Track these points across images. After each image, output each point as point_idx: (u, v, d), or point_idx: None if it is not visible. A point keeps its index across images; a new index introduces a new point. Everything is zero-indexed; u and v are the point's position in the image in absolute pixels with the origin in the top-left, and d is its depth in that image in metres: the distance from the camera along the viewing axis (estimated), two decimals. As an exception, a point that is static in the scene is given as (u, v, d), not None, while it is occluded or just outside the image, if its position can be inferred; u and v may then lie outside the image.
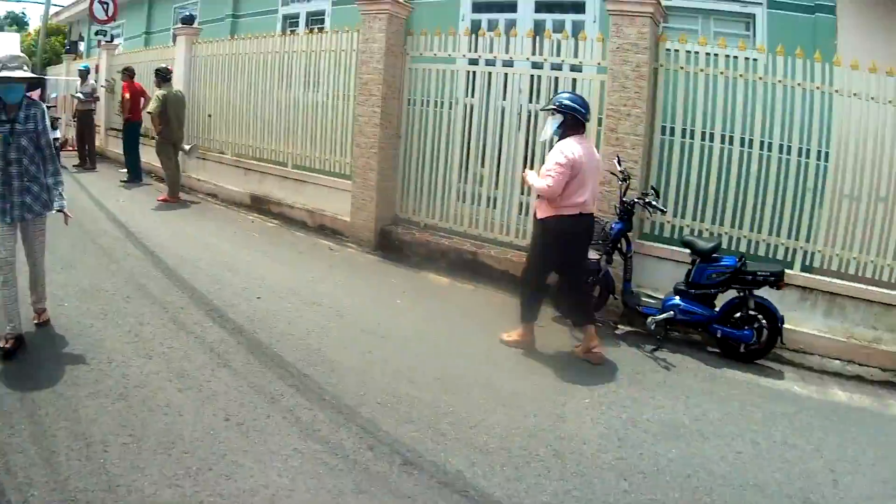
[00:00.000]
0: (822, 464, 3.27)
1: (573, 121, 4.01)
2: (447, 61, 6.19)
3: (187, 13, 10.55)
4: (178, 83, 9.22)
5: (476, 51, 5.93)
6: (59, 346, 3.72)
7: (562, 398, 3.53)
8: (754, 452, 3.23)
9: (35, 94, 5.63)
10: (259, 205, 7.79)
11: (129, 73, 10.02)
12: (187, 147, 8.64)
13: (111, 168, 11.24)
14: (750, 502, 2.83)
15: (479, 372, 3.76)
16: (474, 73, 5.96)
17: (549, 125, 4.13)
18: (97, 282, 4.78)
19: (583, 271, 4.39)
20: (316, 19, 9.55)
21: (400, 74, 6.38)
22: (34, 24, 36.41)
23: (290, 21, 10.11)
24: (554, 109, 4.05)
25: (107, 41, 13.55)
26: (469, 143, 6.02)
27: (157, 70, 8.53)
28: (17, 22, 38.52)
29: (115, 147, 12.40)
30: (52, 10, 21.62)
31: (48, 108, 11.22)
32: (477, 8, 7.49)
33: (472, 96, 5.98)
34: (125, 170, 9.77)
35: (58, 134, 11.24)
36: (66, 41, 22.65)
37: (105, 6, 13.28)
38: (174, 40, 10.30)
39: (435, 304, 4.93)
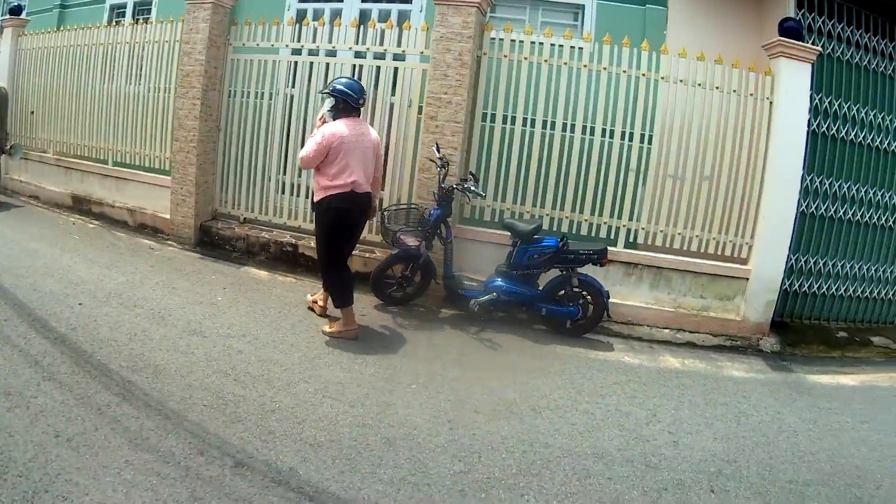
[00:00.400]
0: (660, 427, 3.34)
1: (345, 104, 4.04)
2: (270, 52, 5.90)
3: (16, 3, 9.37)
4: (2, 78, 8.20)
5: (300, 41, 5.70)
6: None
7: (388, 386, 3.49)
8: (589, 423, 3.29)
9: None
10: (80, 205, 7.13)
11: None
12: (8, 147, 7.57)
13: None
14: (591, 470, 2.86)
15: (303, 365, 3.66)
16: (296, 63, 5.74)
17: (324, 108, 4.21)
18: None
19: (352, 247, 4.35)
20: (143, 9, 8.78)
21: (222, 66, 6.00)
22: None
23: (118, 11, 9.29)
24: (328, 93, 4.10)
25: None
26: (289, 135, 5.78)
27: None
28: None
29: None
30: None
31: None
32: None
33: (294, 87, 5.75)
34: None
35: None
36: None
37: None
38: (0, 32, 9.11)
39: (256, 299, 4.73)
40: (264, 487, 2.52)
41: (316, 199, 4.08)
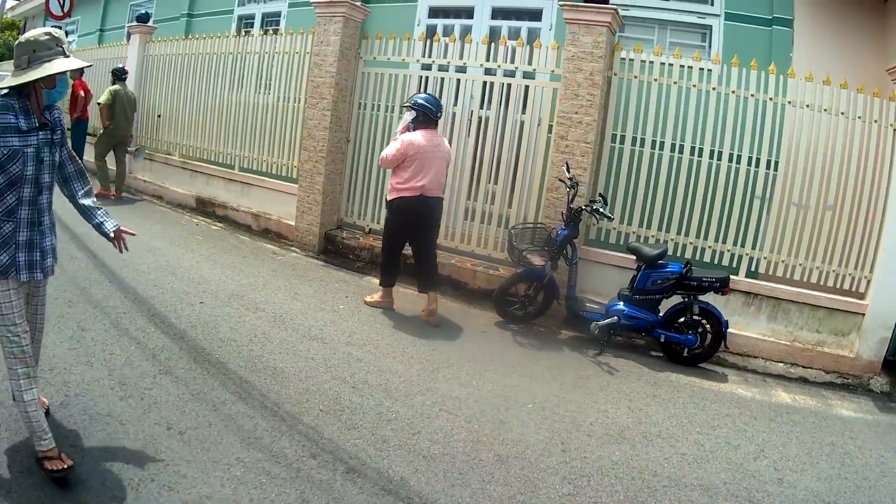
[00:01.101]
0: (767, 463, 3.47)
1: (424, 117, 4.89)
2: (401, 66, 6.49)
3: (143, 11, 10.88)
4: (130, 82, 9.52)
5: (430, 56, 6.23)
6: None
7: (504, 403, 3.70)
8: (698, 454, 3.43)
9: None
10: (204, 207, 7.99)
11: (79, 71, 10.29)
12: (133, 149, 8.91)
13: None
14: (695, 502, 2.99)
15: (421, 377, 3.94)
16: (427, 78, 6.27)
17: (405, 119, 4.98)
18: None
19: (431, 245, 5.19)
20: (272, 20, 9.90)
21: (353, 78, 6.67)
22: (-9, 19, 37.12)
23: (246, 22, 10.45)
24: (409, 106, 4.93)
25: (61, 38, 13.82)
26: None
27: (113, 70, 8.83)
28: (-31, 16, 39.04)
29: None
30: (7, 4, 21.99)
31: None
32: (433, 13, 7.87)
33: None
34: None
35: None
36: (19, 36, 22.95)
37: (61, 2, 13.49)
38: (128, 38, 10.58)
39: (378, 309, 5.13)
40: (374, 495, 2.69)
41: (389, 198, 4.95)
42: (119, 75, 8.72)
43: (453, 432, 3.30)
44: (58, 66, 2.41)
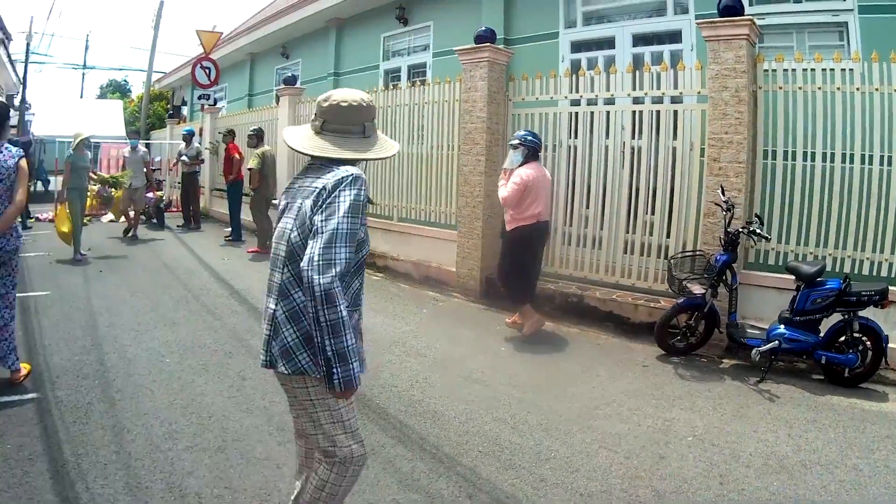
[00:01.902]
0: None
1: (532, 152, 6.36)
2: (549, 104, 7.77)
3: (290, 74, 13.20)
4: (282, 142, 11.60)
5: (577, 91, 7.36)
6: (159, 400, 4.71)
7: (664, 438, 4.18)
8: (856, 480, 3.75)
9: None
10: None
11: (232, 135, 12.84)
12: (276, 202, 10.93)
13: (215, 227, 14.69)
14: None
15: (581, 416, 4.51)
16: (576, 113, 7.42)
17: (513, 155, 6.40)
18: (199, 338, 6.22)
19: (539, 264, 6.73)
20: (417, 72, 11.79)
21: (504, 121, 8.09)
22: (137, 90, 44.38)
23: (393, 75, 12.50)
24: (518, 144, 6.37)
25: (210, 105, 17.08)
26: (574, 185, 7.48)
27: (252, 131, 11.49)
28: (120, 89, 46.61)
29: (218, 207, 16.10)
30: (154, 76, 26.41)
31: (153, 170, 14.60)
32: (576, 48, 9.36)
33: (576, 137, 7.47)
34: (229, 229, 12.83)
35: (154, 194, 14.95)
36: (168, 106, 27.31)
37: (207, 71, 16.49)
38: (277, 101, 13.11)
39: (539, 350, 5.97)
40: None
41: (508, 228, 6.42)
42: (258, 136, 11.38)
43: (612, 469, 3.74)
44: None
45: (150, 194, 13.88)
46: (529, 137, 6.42)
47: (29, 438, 4.13)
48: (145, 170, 13.06)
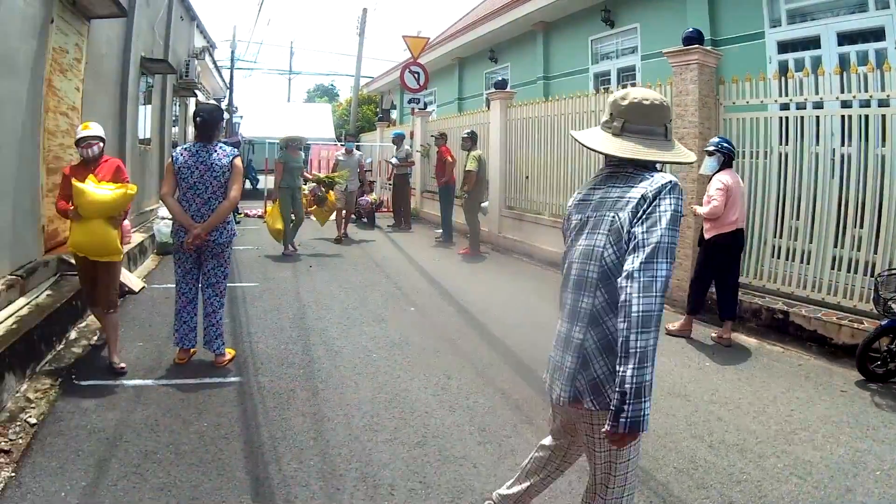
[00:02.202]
0: None
1: (727, 159, 6.82)
2: (759, 108, 7.91)
3: (499, 78, 14.29)
4: (494, 146, 13.02)
5: (786, 94, 7.48)
6: (363, 393, 5.18)
7: (853, 469, 4.21)
8: None
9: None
10: (575, 265, 10.58)
11: (443, 138, 14.11)
12: (485, 205, 11.98)
13: (425, 228, 15.99)
14: None
15: (777, 439, 4.61)
16: (786, 118, 7.51)
17: (709, 162, 6.90)
18: (407, 335, 6.75)
19: (736, 274, 7.04)
20: (627, 75, 12.50)
21: (715, 126, 8.30)
22: (344, 94, 48.50)
23: (602, 79, 13.24)
24: (714, 150, 6.84)
25: (420, 108, 18.49)
26: (784, 195, 7.58)
27: (466, 134, 12.47)
28: (327, 93, 50.80)
29: (429, 208, 17.58)
30: (362, 81, 28.88)
31: (365, 171, 16.31)
32: (782, 48, 9.54)
33: (786, 144, 7.54)
34: (440, 230, 14.09)
35: (368, 198, 16.54)
36: (377, 110, 29.60)
37: (416, 75, 17.87)
38: (488, 105, 14.19)
39: (742, 367, 6.13)
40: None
41: (707, 236, 6.87)
42: (473, 139, 12.30)
43: (799, 498, 3.83)
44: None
45: (364, 198, 15.19)
46: (725, 144, 6.87)
47: (227, 419, 4.67)
48: (360, 172, 14.28)
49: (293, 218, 11.73)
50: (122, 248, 5.68)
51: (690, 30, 8.28)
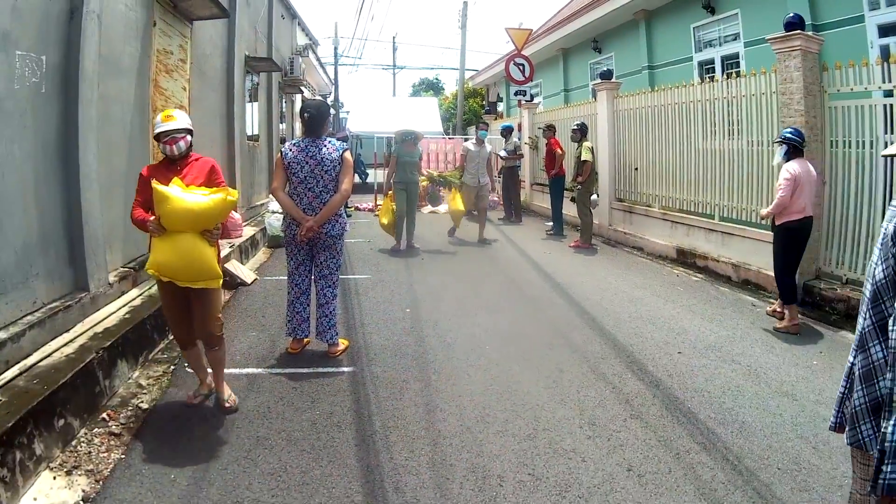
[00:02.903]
0: None
1: (794, 149, 7.05)
2: (863, 96, 7.65)
3: (604, 69, 14.53)
4: (602, 137, 13.24)
5: (890, 80, 7.25)
6: (475, 385, 5.30)
7: None
8: None
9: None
10: (684, 258, 10.78)
11: (551, 130, 14.42)
12: (595, 197, 12.30)
13: (535, 221, 16.27)
14: None
15: None
16: (891, 105, 7.26)
17: (779, 153, 7.22)
18: (521, 328, 6.90)
19: (800, 259, 7.27)
20: (730, 62, 12.52)
21: (820, 115, 8.19)
22: (449, 88, 49.42)
23: (706, 67, 13.30)
24: (781, 141, 7.17)
25: (526, 100, 18.75)
26: (891, 189, 7.32)
27: (576, 126, 12.69)
28: (432, 87, 51.81)
29: (539, 201, 17.92)
30: (466, 74, 29.43)
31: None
32: (883, 32, 9.33)
33: (892, 133, 7.28)
34: (550, 223, 14.35)
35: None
36: (483, 102, 30.15)
37: (521, 67, 18.16)
38: (594, 95, 14.41)
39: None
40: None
41: (778, 223, 7.13)
42: (583, 131, 12.49)
43: None
44: None
45: (493, 197, 14.58)
46: (788, 134, 7.12)
47: (340, 408, 4.82)
48: (488, 165, 13.56)
49: (405, 214, 11.59)
50: (221, 271, 4.61)
51: (791, 15, 8.17)
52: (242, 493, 3.67)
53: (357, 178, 25.43)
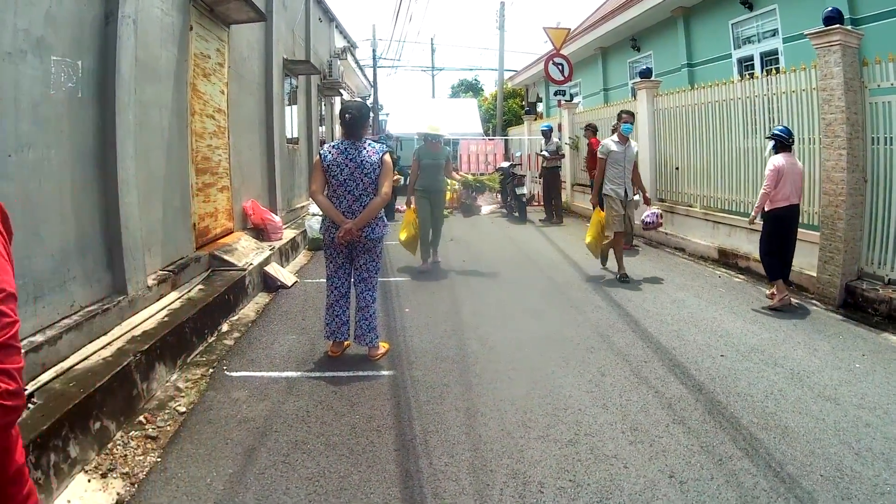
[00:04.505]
0: None
1: (781, 145, 7.88)
2: None
3: (643, 67, 14.53)
4: (642, 136, 13.22)
5: None
6: (517, 389, 5.32)
7: None
8: None
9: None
10: (726, 259, 10.76)
11: (592, 130, 14.49)
12: (637, 198, 12.22)
13: (577, 222, 16.19)
14: None
15: None
16: None
17: (768, 147, 8.18)
18: (562, 331, 6.92)
19: (792, 243, 8.08)
20: (770, 59, 12.45)
21: (861, 110, 8.11)
22: (488, 89, 49.73)
23: (745, 64, 13.23)
24: (770, 137, 8.11)
25: (566, 100, 18.78)
26: None
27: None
28: (471, 88, 52.06)
29: (581, 202, 17.82)
30: (505, 74, 29.54)
31: (512, 165, 16.55)
32: None
33: None
34: None
35: (524, 190, 16.86)
36: (523, 103, 30.28)
37: (560, 67, 18.19)
38: (633, 94, 14.46)
39: (893, 370, 5.90)
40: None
41: (766, 210, 7.94)
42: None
43: None
44: None
45: (649, 215, 10.33)
46: (776, 131, 7.98)
47: (379, 412, 4.85)
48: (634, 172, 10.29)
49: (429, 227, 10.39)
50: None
51: (830, 9, 8.04)
52: (279, 497, 3.72)
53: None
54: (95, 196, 5.57)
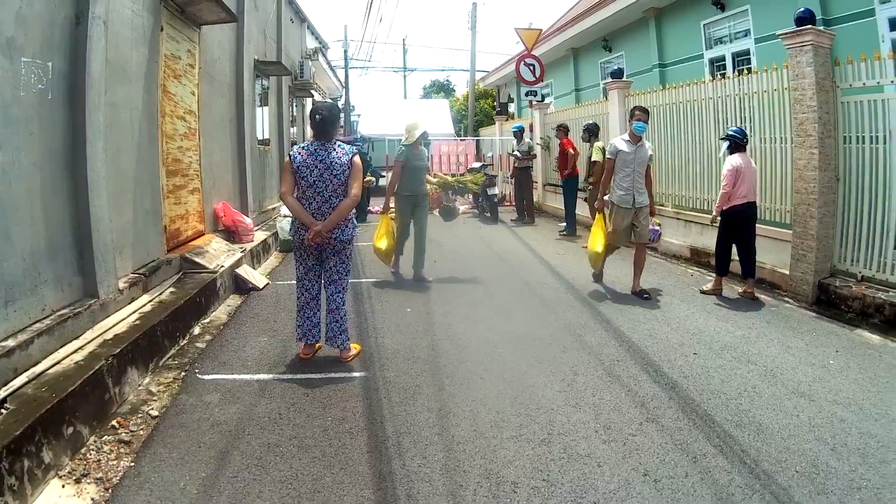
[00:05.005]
0: None
1: (735, 144, 8.29)
2: (875, 90, 7.61)
3: (615, 67, 14.56)
4: (614, 136, 12.94)
5: None
6: (489, 389, 5.31)
7: None
8: None
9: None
10: (698, 258, 10.81)
11: (564, 130, 14.50)
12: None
13: (549, 222, 16.25)
14: None
15: None
16: None
17: (722, 148, 8.73)
18: (534, 331, 6.92)
19: (752, 239, 8.51)
20: (741, 59, 12.53)
21: (833, 110, 8.17)
22: (460, 90, 49.80)
23: (717, 64, 13.34)
24: (724, 138, 8.59)
25: (538, 101, 18.85)
26: None
27: (587, 126, 12.80)
28: (443, 89, 52.17)
29: (552, 202, 17.96)
30: (477, 75, 29.52)
31: (483, 166, 16.55)
32: (894, 25, 9.36)
33: None
34: (563, 223, 14.36)
35: (496, 191, 16.89)
36: (495, 103, 30.36)
37: (532, 68, 18.22)
38: (605, 95, 14.42)
39: (866, 366, 5.97)
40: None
41: (725, 208, 8.31)
42: (593, 131, 12.65)
43: None
44: None
45: (651, 231, 9.21)
46: (731, 132, 8.38)
47: (351, 413, 4.84)
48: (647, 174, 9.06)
49: (411, 234, 9.74)
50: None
51: (802, 10, 8.12)
52: (253, 500, 3.69)
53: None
54: (66, 198, 5.47)
